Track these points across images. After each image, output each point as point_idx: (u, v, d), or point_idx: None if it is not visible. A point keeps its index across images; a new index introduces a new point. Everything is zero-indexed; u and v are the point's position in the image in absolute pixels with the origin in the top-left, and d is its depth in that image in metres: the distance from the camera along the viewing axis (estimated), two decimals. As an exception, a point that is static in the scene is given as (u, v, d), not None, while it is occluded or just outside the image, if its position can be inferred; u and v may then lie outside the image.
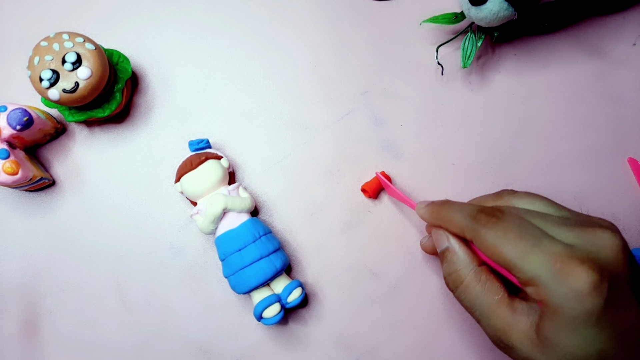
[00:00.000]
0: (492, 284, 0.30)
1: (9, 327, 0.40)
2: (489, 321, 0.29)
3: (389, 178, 0.40)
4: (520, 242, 0.27)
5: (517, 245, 0.27)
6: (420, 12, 0.43)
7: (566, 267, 0.26)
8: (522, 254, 0.27)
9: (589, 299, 0.25)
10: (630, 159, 0.41)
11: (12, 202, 0.42)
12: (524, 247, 0.27)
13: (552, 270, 0.26)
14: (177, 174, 0.39)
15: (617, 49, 0.43)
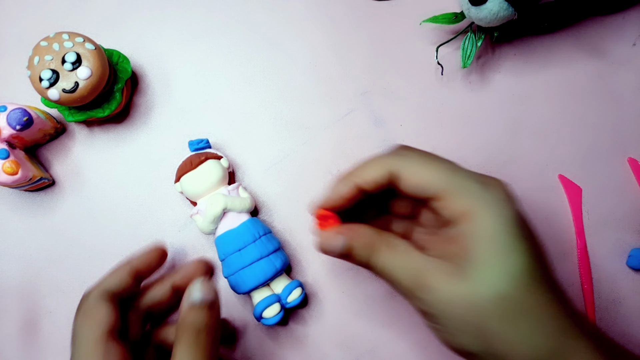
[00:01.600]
0: (395, 239, 0.29)
1: (9, 327, 0.40)
2: (404, 272, 0.28)
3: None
4: (442, 163, 0.29)
5: (441, 165, 0.29)
6: (420, 12, 0.43)
7: (489, 181, 0.28)
8: (448, 173, 0.28)
9: (510, 205, 0.27)
10: (630, 159, 0.41)
11: (12, 202, 0.42)
12: (447, 167, 0.29)
13: (478, 182, 0.28)
14: (177, 174, 0.39)
15: (617, 49, 0.43)
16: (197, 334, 0.29)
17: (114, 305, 0.32)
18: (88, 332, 0.30)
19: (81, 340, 0.30)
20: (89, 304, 0.32)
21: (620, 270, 0.40)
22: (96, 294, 0.32)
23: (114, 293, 0.32)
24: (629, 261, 0.39)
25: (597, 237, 0.40)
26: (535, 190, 0.41)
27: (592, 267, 0.40)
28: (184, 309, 0.30)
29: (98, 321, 0.31)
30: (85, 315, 0.31)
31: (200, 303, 0.30)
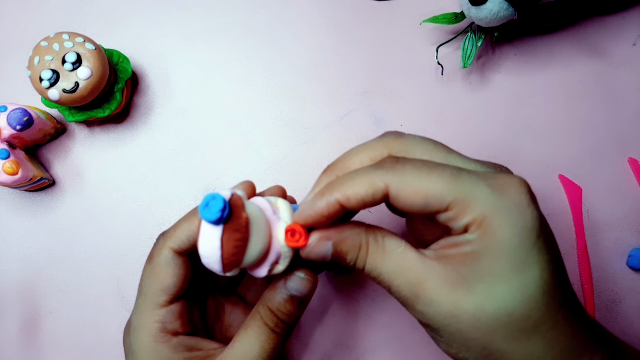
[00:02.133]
0: (390, 239, 0.26)
1: (9, 327, 0.40)
2: (400, 279, 0.24)
3: None
4: (443, 169, 0.24)
5: (442, 172, 0.23)
6: (420, 12, 0.43)
7: (500, 182, 0.23)
8: (449, 181, 0.23)
9: (529, 211, 0.23)
10: (630, 159, 0.41)
11: (12, 202, 0.42)
12: (450, 173, 0.24)
13: (487, 186, 0.23)
14: (229, 260, 0.25)
15: (617, 49, 0.43)
16: (275, 323, 0.28)
17: (183, 262, 0.29)
18: (150, 293, 0.29)
19: (144, 299, 0.30)
20: (159, 260, 0.29)
21: (620, 270, 0.40)
22: (167, 251, 0.29)
23: (186, 248, 0.29)
24: (629, 261, 0.39)
25: (597, 237, 0.40)
26: (535, 190, 0.41)
27: (592, 267, 0.40)
28: (274, 291, 0.28)
29: (163, 284, 0.29)
30: (151, 272, 0.30)
31: (295, 294, 0.28)
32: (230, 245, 0.24)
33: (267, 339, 0.28)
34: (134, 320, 0.30)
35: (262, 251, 0.26)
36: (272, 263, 0.27)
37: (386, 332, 0.39)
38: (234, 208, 0.24)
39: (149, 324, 0.29)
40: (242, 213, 0.24)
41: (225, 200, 0.23)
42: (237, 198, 0.25)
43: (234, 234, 0.24)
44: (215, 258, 0.24)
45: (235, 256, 0.24)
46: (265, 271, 0.27)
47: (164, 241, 0.30)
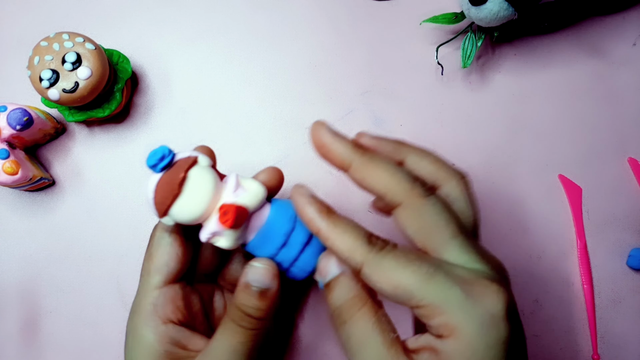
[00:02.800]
0: (387, 320, 0.25)
1: (9, 327, 0.40)
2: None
3: None
4: (421, 265, 0.23)
5: (416, 270, 0.23)
6: (420, 12, 0.43)
7: (477, 288, 0.23)
8: (423, 279, 0.23)
9: (502, 325, 0.22)
10: (630, 159, 0.41)
11: (12, 202, 0.42)
12: (426, 270, 0.23)
13: (462, 291, 0.22)
14: (158, 207, 0.28)
15: (617, 49, 0.43)
16: (240, 318, 0.28)
17: (176, 240, 0.30)
18: (146, 275, 0.30)
19: (141, 282, 0.30)
20: (152, 242, 0.30)
21: (620, 270, 0.40)
22: (159, 231, 0.30)
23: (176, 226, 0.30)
24: (629, 261, 0.40)
25: (597, 237, 0.40)
26: (535, 190, 0.41)
27: (592, 267, 0.40)
28: (238, 287, 0.28)
29: (156, 264, 0.30)
30: (148, 255, 0.30)
31: (254, 287, 0.27)
32: (160, 194, 0.27)
33: (233, 336, 0.28)
34: (133, 302, 0.30)
35: (194, 214, 0.28)
36: (212, 232, 0.28)
37: (386, 332, 0.39)
38: (176, 165, 0.28)
39: (144, 306, 0.29)
40: (181, 171, 0.27)
41: (165, 153, 0.27)
42: (188, 159, 0.28)
43: (165, 184, 0.27)
44: (150, 200, 0.27)
45: (162, 205, 0.27)
46: (204, 237, 0.28)
47: (157, 225, 0.31)
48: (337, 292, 0.26)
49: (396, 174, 0.25)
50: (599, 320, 0.39)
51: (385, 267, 0.23)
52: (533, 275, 0.40)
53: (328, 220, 0.25)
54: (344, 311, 0.25)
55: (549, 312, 0.40)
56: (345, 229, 0.25)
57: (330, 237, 0.25)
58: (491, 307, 0.22)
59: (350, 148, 0.27)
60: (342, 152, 0.26)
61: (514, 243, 0.40)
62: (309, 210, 0.26)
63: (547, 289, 0.40)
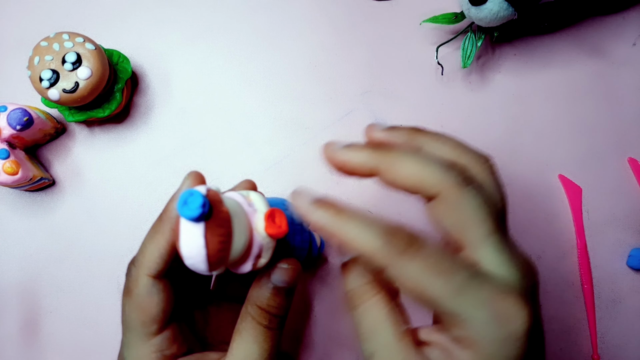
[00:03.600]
0: (401, 311, 0.25)
1: (9, 327, 0.40)
2: (387, 356, 0.23)
3: None
4: (449, 278, 0.22)
5: (447, 281, 0.22)
6: (420, 12, 0.43)
7: (505, 308, 0.22)
8: (452, 292, 0.22)
9: (522, 343, 0.22)
10: (630, 159, 0.41)
11: (12, 202, 0.42)
12: (455, 284, 0.22)
13: (490, 312, 0.22)
14: (216, 261, 0.24)
15: (617, 49, 0.43)
16: (268, 320, 0.27)
17: (164, 286, 0.28)
18: (139, 327, 0.28)
19: (133, 334, 0.28)
20: (138, 292, 0.28)
21: (620, 270, 0.40)
22: (144, 279, 0.27)
23: (162, 269, 0.27)
24: (629, 261, 0.40)
25: (597, 237, 0.40)
26: (535, 190, 0.41)
27: (592, 267, 0.40)
28: (259, 288, 0.27)
29: (151, 315, 0.27)
30: (133, 306, 0.28)
31: (281, 286, 0.27)
32: (215, 242, 0.23)
33: (264, 338, 0.27)
34: (127, 356, 0.28)
35: (245, 245, 0.25)
36: (255, 257, 0.26)
37: (386, 332, 0.39)
38: (213, 203, 0.23)
39: (146, 357, 0.28)
40: (222, 207, 0.23)
41: (204, 195, 0.22)
42: (214, 193, 0.24)
43: (217, 229, 0.23)
44: (201, 257, 0.23)
45: (222, 252, 0.23)
46: (249, 266, 0.26)
47: (137, 270, 0.28)
48: (352, 275, 0.25)
49: (428, 165, 0.24)
50: (599, 320, 0.39)
51: (411, 273, 0.22)
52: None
53: (339, 223, 0.23)
54: (356, 296, 0.25)
55: (549, 312, 0.40)
56: (359, 229, 0.23)
57: (345, 241, 0.23)
58: (515, 328, 0.22)
59: (370, 153, 0.25)
60: (364, 160, 0.25)
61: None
62: (316, 217, 0.24)
63: (547, 289, 0.40)
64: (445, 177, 0.23)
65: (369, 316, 0.24)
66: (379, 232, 0.23)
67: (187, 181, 0.29)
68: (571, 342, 0.39)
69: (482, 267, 0.23)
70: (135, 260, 0.28)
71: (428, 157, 0.24)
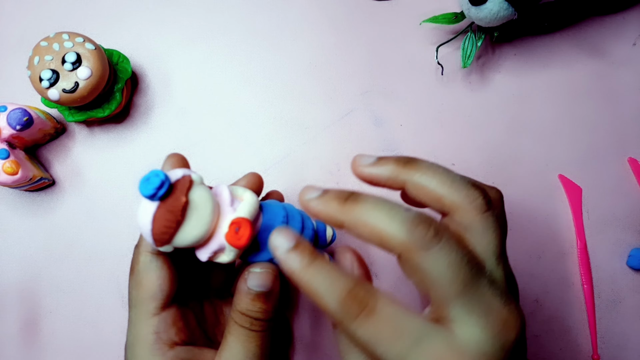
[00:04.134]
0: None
1: (9, 327, 0.40)
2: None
3: None
4: (396, 342, 0.22)
5: (393, 346, 0.22)
6: (420, 12, 0.43)
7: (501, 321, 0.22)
8: (398, 356, 0.22)
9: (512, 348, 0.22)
10: (630, 159, 0.41)
11: (12, 202, 0.42)
12: (401, 349, 0.22)
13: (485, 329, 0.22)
14: (158, 237, 0.26)
15: (617, 49, 0.43)
16: (250, 323, 0.27)
17: (164, 262, 0.29)
18: (139, 304, 0.29)
19: (135, 312, 0.29)
20: (139, 269, 0.29)
21: (620, 270, 0.40)
22: (143, 256, 0.29)
23: None
24: (629, 261, 0.40)
25: (597, 237, 0.40)
26: (535, 190, 0.41)
27: (592, 267, 0.40)
28: (238, 294, 0.28)
29: (149, 291, 0.28)
30: (135, 282, 0.29)
31: (256, 291, 0.27)
32: (161, 224, 0.24)
33: (248, 340, 0.28)
34: (128, 335, 0.29)
35: (199, 237, 0.25)
36: (214, 251, 0.26)
37: (386, 332, 0.39)
38: (175, 189, 0.24)
39: (144, 336, 0.28)
40: (182, 196, 0.24)
41: (163, 180, 0.24)
42: (185, 181, 0.25)
43: (166, 213, 0.24)
44: (147, 231, 0.25)
45: (165, 235, 0.25)
46: (205, 257, 0.26)
47: (138, 249, 0.29)
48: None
49: (391, 222, 0.23)
50: (599, 320, 0.39)
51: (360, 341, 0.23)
52: (533, 275, 0.40)
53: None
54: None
55: (549, 312, 0.40)
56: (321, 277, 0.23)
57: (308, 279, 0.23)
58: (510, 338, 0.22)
59: (330, 200, 0.24)
60: (335, 219, 0.24)
61: (514, 243, 0.40)
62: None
63: (547, 289, 0.40)
64: (408, 237, 0.22)
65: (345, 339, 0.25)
66: (337, 294, 0.23)
67: (169, 161, 0.30)
68: (571, 342, 0.39)
69: (449, 326, 0.22)
70: (138, 242, 0.30)
71: (394, 210, 0.23)
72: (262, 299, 0.28)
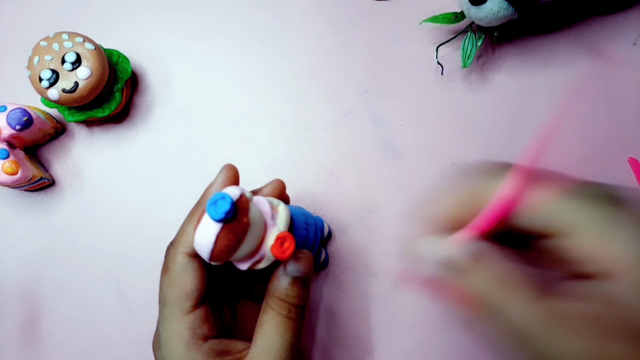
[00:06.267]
0: None
1: (9, 327, 0.40)
2: None
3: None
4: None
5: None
6: (420, 12, 0.43)
7: None
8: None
9: None
10: (630, 159, 0.41)
11: (12, 202, 0.42)
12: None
13: None
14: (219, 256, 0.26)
15: (617, 49, 0.43)
16: (288, 310, 0.28)
17: (199, 265, 0.30)
18: (175, 303, 0.30)
19: (169, 310, 0.30)
20: (175, 269, 0.30)
21: (620, 270, 0.40)
22: (181, 257, 0.30)
23: None
24: None
25: (597, 237, 0.40)
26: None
27: (592, 267, 0.40)
28: (277, 280, 0.29)
29: (185, 291, 0.29)
30: (170, 282, 0.30)
31: (298, 275, 0.28)
32: (223, 244, 0.25)
33: (285, 328, 0.28)
34: (162, 332, 0.30)
35: (250, 252, 0.27)
36: (255, 261, 0.28)
37: (386, 332, 0.39)
38: (239, 210, 0.25)
39: (179, 333, 0.29)
40: (244, 218, 0.25)
41: (233, 203, 0.24)
42: (245, 201, 0.25)
43: (230, 234, 0.25)
44: (207, 249, 0.25)
45: (225, 254, 0.25)
46: (246, 266, 0.28)
47: (175, 249, 0.30)
48: None
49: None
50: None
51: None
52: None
53: None
54: None
55: (549, 312, 0.40)
56: None
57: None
58: None
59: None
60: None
61: (514, 243, 0.40)
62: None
63: (547, 289, 0.40)
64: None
65: None
66: None
67: (222, 175, 0.31)
68: (571, 342, 0.39)
69: None
70: (174, 241, 0.30)
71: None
72: (300, 284, 0.29)
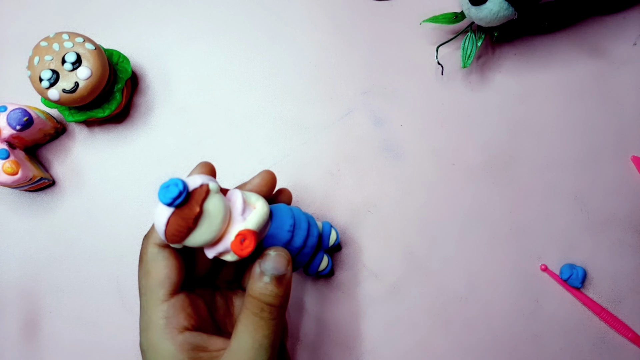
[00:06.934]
0: None
1: (9, 327, 0.40)
2: None
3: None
4: None
5: None
6: (420, 12, 0.43)
7: None
8: None
9: None
10: (633, 157, 0.41)
11: (12, 202, 0.42)
12: None
13: None
14: (170, 239, 0.27)
15: (617, 49, 0.43)
16: (261, 309, 0.28)
17: (170, 253, 0.30)
18: (149, 292, 0.30)
19: (145, 299, 0.30)
20: (147, 259, 0.30)
21: (620, 270, 0.40)
22: (151, 247, 0.30)
23: None
24: (561, 275, 0.39)
25: (598, 237, 0.40)
26: (535, 191, 0.41)
27: (592, 267, 0.40)
28: (252, 278, 0.28)
29: (157, 280, 0.30)
30: (143, 271, 0.30)
31: (270, 275, 0.28)
32: (173, 228, 0.26)
33: (256, 327, 0.28)
34: (141, 321, 0.30)
35: (207, 242, 0.27)
36: (220, 252, 0.28)
37: (386, 332, 0.39)
38: (191, 199, 0.26)
39: (155, 321, 0.29)
40: (196, 206, 0.26)
41: (182, 190, 0.25)
42: (202, 191, 0.27)
43: (180, 220, 0.26)
44: (160, 231, 0.27)
45: (176, 237, 0.27)
46: (211, 255, 0.28)
47: (147, 240, 0.31)
48: None
49: None
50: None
51: None
52: (533, 275, 0.40)
53: None
54: None
55: (549, 312, 0.40)
56: None
57: None
58: None
59: None
60: None
61: (514, 243, 0.40)
62: None
63: (547, 289, 0.40)
64: None
65: None
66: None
67: (197, 169, 0.31)
68: (571, 342, 0.39)
69: None
70: (147, 234, 0.31)
71: None
72: (275, 282, 0.28)
